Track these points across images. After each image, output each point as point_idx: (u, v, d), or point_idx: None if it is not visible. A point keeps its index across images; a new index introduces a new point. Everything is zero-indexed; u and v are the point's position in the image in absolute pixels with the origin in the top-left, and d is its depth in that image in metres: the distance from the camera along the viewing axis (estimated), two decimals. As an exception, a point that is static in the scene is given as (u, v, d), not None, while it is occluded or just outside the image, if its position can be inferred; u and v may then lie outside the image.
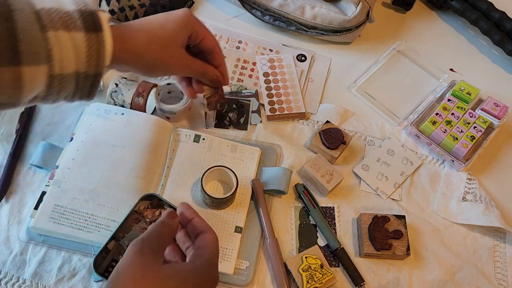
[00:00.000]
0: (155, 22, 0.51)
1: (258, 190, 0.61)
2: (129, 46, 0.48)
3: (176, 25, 0.51)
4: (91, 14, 0.44)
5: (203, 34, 0.54)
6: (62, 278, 0.55)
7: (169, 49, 0.51)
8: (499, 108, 0.70)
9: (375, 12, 0.81)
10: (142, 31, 0.49)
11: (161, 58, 0.51)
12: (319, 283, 0.54)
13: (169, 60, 0.52)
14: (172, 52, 0.52)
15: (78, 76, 0.44)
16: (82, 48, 0.43)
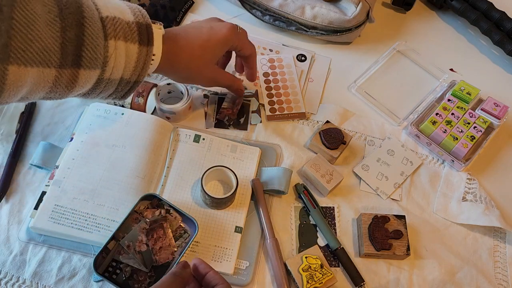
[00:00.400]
0: (199, 39, 0.55)
1: (258, 190, 0.61)
2: (173, 62, 0.54)
3: (217, 46, 0.57)
4: (147, 27, 0.48)
5: (241, 47, 0.60)
6: (62, 278, 0.55)
7: (204, 68, 0.57)
8: (499, 108, 0.70)
9: (375, 12, 0.81)
10: (186, 51, 0.54)
11: (196, 75, 0.58)
12: (319, 283, 0.54)
13: (202, 77, 0.59)
14: (206, 70, 0.58)
15: (121, 81, 0.48)
16: (133, 59, 0.47)
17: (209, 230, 0.58)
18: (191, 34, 0.55)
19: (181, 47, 0.54)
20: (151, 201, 0.56)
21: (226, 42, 0.57)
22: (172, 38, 0.53)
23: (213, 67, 0.59)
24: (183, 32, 0.55)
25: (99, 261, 0.51)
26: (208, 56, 0.56)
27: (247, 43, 0.61)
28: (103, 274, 0.50)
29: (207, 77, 0.59)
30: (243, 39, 0.60)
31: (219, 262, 0.56)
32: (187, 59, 0.54)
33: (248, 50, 0.62)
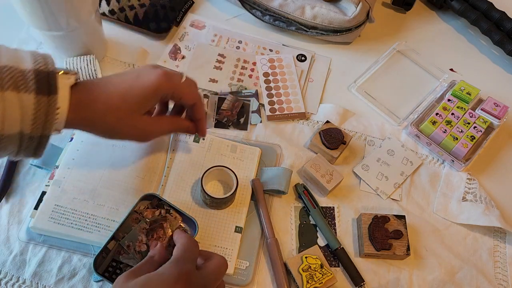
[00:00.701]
0: (119, 89, 0.48)
1: (258, 190, 0.61)
2: (85, 114, 0.46)
3: (141, 95, 0.49)
4: (49, 75, 0.42)
5: (179, 95, 0.52)
6: (62, 278, 0.55)
7: (127, 121, 0.49)
8: (499, 108, 0.70)
9: (375, 12, 0.81)
10: (101, 101, 0.47)
11: (117, 129, 0.49)
12: (319, 283, 0.54)
13: (126, 131, 0.50)
14: (130, 123, 0.49)
15: (22, 137, 0.42)
16: (30, 110, 0.41)
17: (209, 230, 0.58)
18: (111, 83, 0.49)
19: (95, 98, 0.47)
20: (151, 201, 0.56)
21: (154, 90, 0.49)
22: (86, 88, 0.47)
23: (139, 118, 0.50)
24: (104, 82, 0.49)
25: (99, 261, 0.51)
26: (130, 107, 0.48)
27: (186, 92, 0.52)
28: (103, 274, 0.50)
29: (132, 130, 0.50)
30: (180, 86, 0.52)
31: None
32: (103, 111, 0.47)
33: (190, 100, 0.53)
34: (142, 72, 0.50)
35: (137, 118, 0.50)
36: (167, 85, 0.50)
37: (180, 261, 0.44)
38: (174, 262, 0.44)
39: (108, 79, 0.50)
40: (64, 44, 0.66)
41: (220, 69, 0.74)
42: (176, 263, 0.43)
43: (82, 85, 0.47)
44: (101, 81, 0.49)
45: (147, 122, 0.52)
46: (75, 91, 0.45)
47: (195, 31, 0.79)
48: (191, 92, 0.54)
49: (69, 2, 0.58)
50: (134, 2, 0.75)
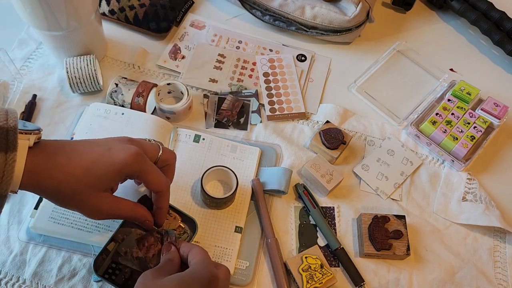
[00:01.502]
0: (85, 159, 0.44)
1: (258, 190, 0.61)
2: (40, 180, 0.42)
3: (105, 172, 0.45)
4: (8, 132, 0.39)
5: (144, 180, 0.48)
6: (62, 278, 0.55)
7: (84, 195, 0.45)
8: (499, 108, 0.70)
9: (375, 12, 0.81)
10: (62, 169, 0.43)
11: (73, 201, 0.45)
12: (319, 283, 0.54)
13: (82, 205, 0.45)
14: (87, 198, 0.45)
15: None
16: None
17: (209, 230, 0.58)
18: (78, 151, 0.45)
19: (54, 165, 0.43)
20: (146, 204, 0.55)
21: (119, 170, 0.45)
22: (47, 151, 0.43)
23: (98, 195, 0.45)
24: (70, 148, 0.45)
25: (99, 262, 0.51)
26: (90, 183, 0.44)
27: (153, 178, 0.48)
28: (103, 275, 0.50)
29: (86, 206, 0.45)
30: (148, 171, 0.47)
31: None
32: (59, 181, 0.43)
33: (155, 186, 0.48)
34: (115, 146, 0.46)
35: (95, 194, 0.45)
36: (135, 167, 0.46)
37: (207, 264, 0.45)
38: (201, 264, 0.44)
39: (75, 146, 0.45)
40: (64, 44, 0.66)
41: (220, 69, 0.74)
42: (205, 266, 0.44)
43: (43, 147, 0.43)
44: (67, 146, 0.45)
45: (104, 200, 0.46)
46: (33, 153, 0.41)
47: (195, 31, 0.79)
48: (157, 180, 0.48)
49: (69, 2, 0.58)
50: (134, 2, 0.75)
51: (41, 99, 0.68)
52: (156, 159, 0.50)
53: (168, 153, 0.51)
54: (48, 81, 0.70)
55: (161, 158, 0.50)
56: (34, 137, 0.42)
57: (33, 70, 0.71)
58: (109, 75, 0.71)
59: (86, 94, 0.69)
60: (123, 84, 0.66)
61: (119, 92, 0.66)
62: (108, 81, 0.69)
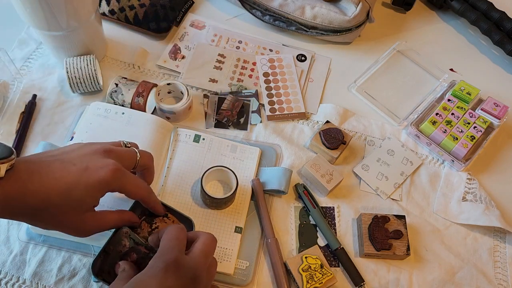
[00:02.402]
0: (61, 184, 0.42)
1: (258, 190, 0.61)
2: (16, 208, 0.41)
3: (83, 194, 0.43)
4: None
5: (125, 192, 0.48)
6: (62, 278, 0.55)
7: (66, 217, 0.43)
8: (499, 108, 0.70)
9: (375, 12, 0.81)
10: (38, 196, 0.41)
11: (55, 225, 0.44)
12: (319, 283, 0.54)
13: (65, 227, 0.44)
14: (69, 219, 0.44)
15: None
16: None
17: (209, 230, 0.58)
18: (52, 173, 0.42)
19: (31, 191, 0.41)
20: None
21: (100, 188, 0.44)
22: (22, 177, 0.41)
23: (80, 216, 0.44)
24: (45, 169, 0.42)
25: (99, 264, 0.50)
26: (71, 206, 0.43)
27: (135, 188, 0.48)
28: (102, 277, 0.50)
29: (70, 227, 0.45)
30: (128, 183, 0.47)
31: (219, 262, 0.56)
32: (37, 207, 0.41)
33: (136, 196, 0.49)
34: (92, 164, 0.44)
35: (76, 216, 0.44)
36: (114, 184, 0.45)
37: (164, 252, 0.43)
38: (158, 256, 0.43)
39: (50, 167, 0.43)
40: (64, 44, 0.66)
41: (220, 69, 0.74)
42: (161, 256, 0.42)
43: (16, 174, 0.40)
44: (42, 167, 0.42)
45: (88, 220, 0.45)
46: (5, 183, 0.39)
47: (195, 31, 0.79)
48: (137, 189, 0.48)
49: (69, 2, 0.58)
50: (134, 2, 0.75)
51: (41, 99, 0.68)
52: (135, 166, 0.49)
53: (145, 157, 0.51)
54: (48, 81, 0.70)
55: (140, 163, 0.50)
56: (5, 166, 0.39)
57: (33, 70, 0.71)
58: (109, 75, 0.71)
59: (86, 94, 0.69)
60: (123, 84, 0.66)
61: (119, 92, 0.66)
62: (108, 81, 0.69)
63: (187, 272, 0.42)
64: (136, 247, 0.49)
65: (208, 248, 0.45)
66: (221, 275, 0.55)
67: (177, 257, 0.42)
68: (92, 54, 0.68)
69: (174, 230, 0.45)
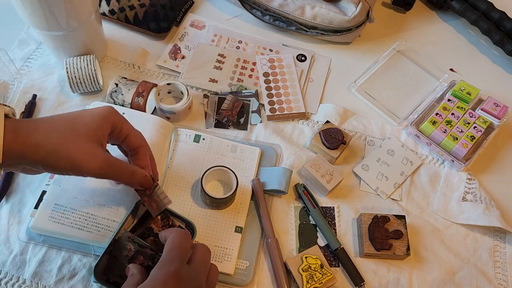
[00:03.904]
0: (66, 116, 0.45)
1: (258, 190, 0.61)
2: (24, 136, 0.42)
3: (92, 120, 0.46)
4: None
5: (127, 132, 0.49)
6: (62, 278, 0.55)
7: (76, 140, 0.44)
8: (499, 108, 0.70)
9: (375, 12, 0.81)
10: (45, 122, 0.44)
11: (65, 148, 0.43)
12: (319, 283, 0.54)
13: (76, 152, 0.43)
14: (80, 143, 0.44)
15: None
16: None
17: (209, 230, 0.58)
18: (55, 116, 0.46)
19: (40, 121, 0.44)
20: None
21: (104, 117, 0.46)
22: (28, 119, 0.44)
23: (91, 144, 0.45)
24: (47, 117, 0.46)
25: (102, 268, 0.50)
26: (79, 129, 0.44)
27: (133, 130, 0.50)
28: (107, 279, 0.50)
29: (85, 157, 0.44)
30: (127, 123, 0.50)
31: (219, 262, 0.56)
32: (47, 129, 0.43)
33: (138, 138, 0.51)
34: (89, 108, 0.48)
35: (86, 143, 0.44)
36: (116, 116, 0.48)
37: (165, 263, 0.43)
38: (160, 266, 0.43)
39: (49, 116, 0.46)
40: (64, 44, 0.66)
41: (220, 69, 0.74)
42: (162, 267, 0.43)
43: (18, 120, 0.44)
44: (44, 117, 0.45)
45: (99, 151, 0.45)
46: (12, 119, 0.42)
47: (195, 31, 0.79)
48: (137, 134, 0.51)
49: (69, 2, 0.58)
50: (134, 2, 0.75)
51: (41, 99, 0.68)
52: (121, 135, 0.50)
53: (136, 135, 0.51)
54: (48, 81, 0.70)
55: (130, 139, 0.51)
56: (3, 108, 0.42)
57: (33, 70, 0.71)
58: (109, 75, 0.71)
59: (86, 94, 0.69)
60: (123, 84, 0.66)
61: (119, 92, 0.66)
62: (108, 81, 0.69)
63: (187, 283, 0.42)
64: (141, 250, 0.50)
65: (206, 257, 0.46)
66: (221, 275, 0.55)
67: (177, 269, 0.42)
68: (92, 54, 0.68)
69: (178, 238, 0.46)
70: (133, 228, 0.55)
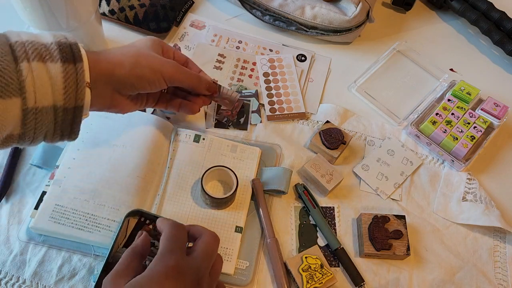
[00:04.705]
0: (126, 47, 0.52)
1: (258, 190, 0.61)
2: (106, 57, 0.48)
3: (148, 42, 0.53)
4: (70, 45, 0.43)
5: (172, 51, 0.57)
6: (62, 278, 0.55)
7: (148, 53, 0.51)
8: (499, 108, 0.70)
9: (375, 12, 0.81)
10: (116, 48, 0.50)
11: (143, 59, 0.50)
12: (319, 283, 0.54)
13: (153, 60, 0.51)
14: (152, 55, 0.51)
15: (56, 110, 0.42)
16: (59, 79, 0.41)
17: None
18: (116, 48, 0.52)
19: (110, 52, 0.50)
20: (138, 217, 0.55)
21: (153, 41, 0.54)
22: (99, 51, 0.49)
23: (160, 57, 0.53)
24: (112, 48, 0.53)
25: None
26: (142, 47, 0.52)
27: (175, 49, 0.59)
28: None
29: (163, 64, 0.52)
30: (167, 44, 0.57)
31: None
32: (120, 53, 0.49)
33: (182, 55, 0.59)
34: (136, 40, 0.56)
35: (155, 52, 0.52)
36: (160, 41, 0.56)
37: (165, 254, 0.42)
38: (159, 258, 0.42)
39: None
40: (64, 44, 0.65)
41: (220, 69, 0.74)
42: (161, 258, 0.42)
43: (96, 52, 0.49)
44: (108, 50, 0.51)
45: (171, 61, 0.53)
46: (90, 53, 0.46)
47: (195, 31, 0.79)
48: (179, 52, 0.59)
49: (69, 2, 0.58)
50: (134, 2, 0.75)
51: (41, 99, 0.68)
52: None
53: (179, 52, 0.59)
54: (48, 81, 0.70)
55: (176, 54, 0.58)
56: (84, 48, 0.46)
57: (33, 70, 0.71)
58: (109, 75, 0.71)
59: (86, 94, 0.69)
60: (123, 84, 0.66)
61: (119, 92, 0.65)
62: (108, 81, 0.69)
63: (189, 274, 0.41)
64: None
65: (212, 247, 0.45)
66: (221, 275, 0.55)
67: (177, 260, 0.42)
68: (92, 54, 0.68)
69: (174, 229, 0.45)
70: (126, 242, 0.54)
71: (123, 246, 0.53)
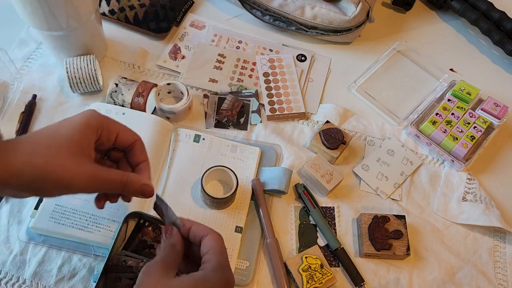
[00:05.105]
0: (46, 131, 0.41)
1: (258, 190, 0.61)
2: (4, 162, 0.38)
3: (74, 130, 0.41)
4: None
5: (115, 131, 0.45)
6: (62, 278, 0.55)
7: (60, 157, 0.40)
8: (499, 108, 0.70)
9: (375, 12, 0.81)
10: (26, 143, 0.40)
11: (50, 170, 0.39)
12: (319, 283, 0.54)
13: (62, 171, 0.39)
14: (64, 160, 0.40)
15: None
16: None
17: (209, 230, 0.58)
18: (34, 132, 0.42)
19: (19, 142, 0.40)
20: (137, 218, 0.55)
21: (86, 125, 0.42)
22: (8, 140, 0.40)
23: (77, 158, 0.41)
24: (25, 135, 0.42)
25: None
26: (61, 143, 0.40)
27: (123, 126, 0.45)
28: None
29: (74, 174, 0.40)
30: (114, 121, 0.45)
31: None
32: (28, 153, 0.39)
33: (130, 134, 0.46)
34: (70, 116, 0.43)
35: (72, 157, 0.40)
36: (99, 118, 0.43)
37: (225, 268, 0.42)
38: (220, 269, 0.41)
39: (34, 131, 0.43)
40: (64, 44, 0.66)
41: (220, 69, 0.74)
42: (222, 271, 0.41)
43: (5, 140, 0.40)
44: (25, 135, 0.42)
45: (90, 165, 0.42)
46: None
47: (195, 31, 0.79)
48: (128, 129, 0.46)
49: (69, 2, 0.58)
50: (134, 2, 0.75)
51: (41, 99, 0.68)
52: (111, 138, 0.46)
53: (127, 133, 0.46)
54: (48, 81, 0.70)
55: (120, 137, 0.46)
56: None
57: (33, 70, 0.71)
58: (109, 75, 0.71)
59: (86, 94, 0.69)
60: (123, 84, 0.66)
61: (119, 92, 0.66)
62: (108, 81, 0.69)
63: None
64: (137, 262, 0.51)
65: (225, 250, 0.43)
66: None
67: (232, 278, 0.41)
68: (92, 54, 0.68)
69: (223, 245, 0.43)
70: (125, 245, 0.54)
71: (123, 249, 0.53)
